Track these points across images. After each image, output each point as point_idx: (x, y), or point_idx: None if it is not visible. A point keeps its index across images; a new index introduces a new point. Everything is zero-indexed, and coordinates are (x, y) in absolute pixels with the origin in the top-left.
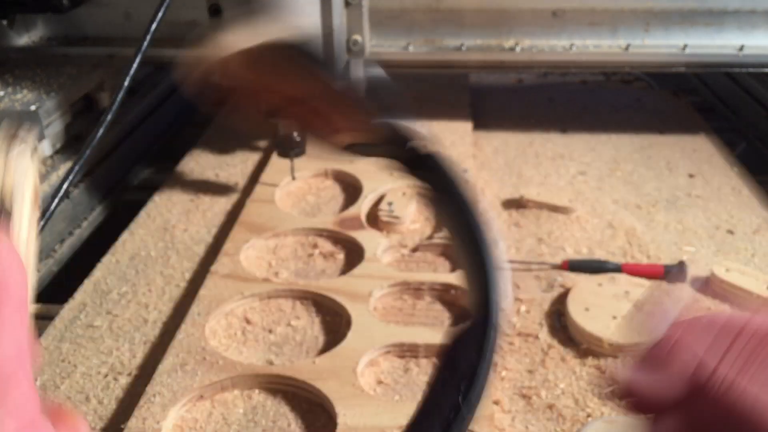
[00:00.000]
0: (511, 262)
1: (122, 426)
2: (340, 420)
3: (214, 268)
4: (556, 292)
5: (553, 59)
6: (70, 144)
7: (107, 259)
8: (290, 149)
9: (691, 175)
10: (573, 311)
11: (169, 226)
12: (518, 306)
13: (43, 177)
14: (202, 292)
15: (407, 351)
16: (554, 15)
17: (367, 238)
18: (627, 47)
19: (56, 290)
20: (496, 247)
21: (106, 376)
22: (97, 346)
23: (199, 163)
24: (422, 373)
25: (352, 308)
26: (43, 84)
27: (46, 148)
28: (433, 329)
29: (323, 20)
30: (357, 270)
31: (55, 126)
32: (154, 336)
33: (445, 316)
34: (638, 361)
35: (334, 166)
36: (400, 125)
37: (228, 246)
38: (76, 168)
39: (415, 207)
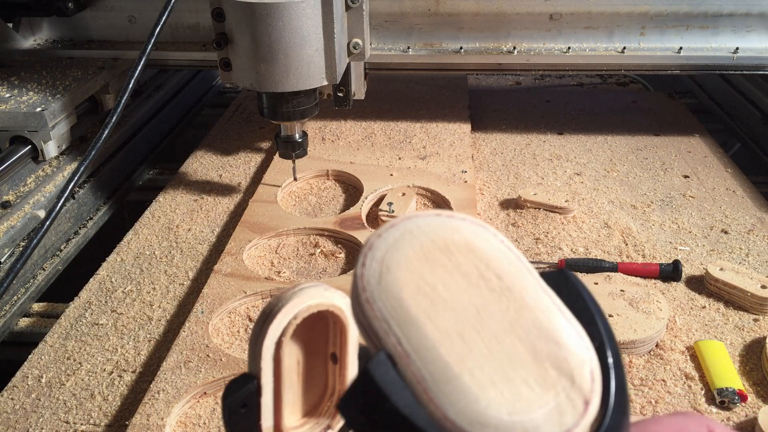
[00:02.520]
0: None
1: (126, 422)
2: None
3: (217, 267)
4: None
5: (550, 62)
6: (76, 145)
7: (112, 258)
8: (292, 150)
9: (685, 176)
10: None
11: (173, 225)
12: None
13: (49, 177)
14: (206, 290)
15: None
16: (551, 18)
17: (367, 237)
18: (623, 50)
19: (62, 289)
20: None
21: (110, 373)
22: (102, 343)
23: (202, 164)
24: None
25: None
26: (49, 86)
27: (52, 149)
28: None
29: (324, 24)
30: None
31: (60, 127)
32: (158, 334)
33: None
34: None
35: (335, 167)
36: None
37: (231, 245)
38: (82, 169)
39: (415, 207)
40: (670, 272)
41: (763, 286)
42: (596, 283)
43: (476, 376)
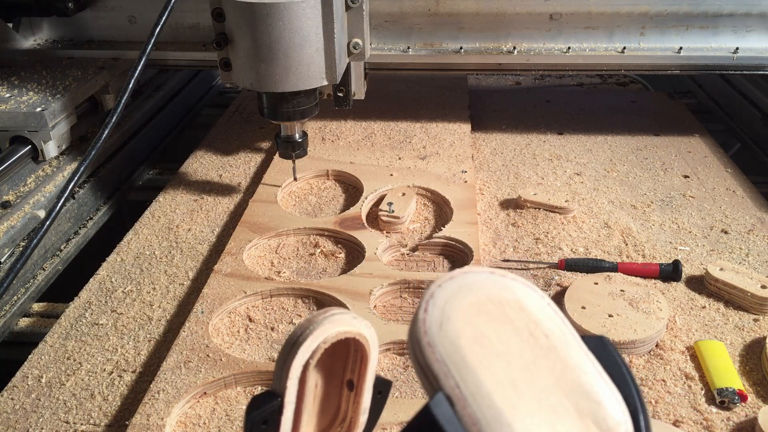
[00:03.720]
0: (509, 261)
1: (126, 422)
2: None
3: (217, 267)
4: (553, 290)
5: (550, 62)
6: (76, 145)
7: (112, 258)
8: (292, 150)
9: (685, 176)
10: (570, 309)
11: (173, 225)
12: None
13: (49, 177)
14: (206, 290)
15: (407, 349)
16: (551, 18)
17: (367, 237)
18: (623, 50)
19: (62, 289)
20: None
21: (110, 373)
22: (102, 343)
23: (202, 164)
24: None
25: (352, 306)
26: (49, 86)
27: (52, 149)
28: None
29: (324, 24)
30: (357, 269)
31: (60, 127)
32: (158, 334)
33: None
34: None
35: (335, 167)
36: None
37: (231, 245)
38: (82, 169)
39: (415, 207)
40: (670, 272)
41: (763, 286)
42: (596, 283)
43: (526, 425)
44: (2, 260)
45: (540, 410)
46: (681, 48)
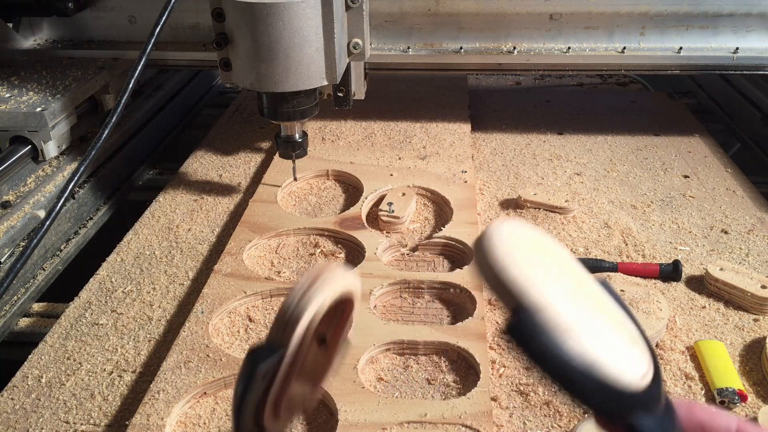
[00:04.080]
0: None
1: (126, 422)
2: (341, 416)
3: (217, 267)
4: None
5: (550, 62)
6: (76, 145)
7: (112, 258)
8: (292, 150)
9: (685, 176)
10: None
11: (173, 225)
12: None
13: (49, 177)
14: (206, 290)
15: (407, 348)
16: (551, 18)
17: (367, 237)
18: (623, 50)
19: (62, 289)
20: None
21: (110, 373)
22: (102, 343)
23: (202, 164)
24: (421, 370)
25: None
26: (49, 86)
27: (52, 149)
28: (432, 327)
29: (324, 24)
30: (357, 269)
31: (60, 127)
32: (158, 334)
33: (444, 314)
34: None
35: (335, 167)
36: None
37: (231, 245)
38: (82, 169)
39: (415, 207)
40: (670, 272)
41: (763, 286)
42: None
43: (591, 327)
44: (2, 260)
45: (595, 319)
46: (681, 48)
